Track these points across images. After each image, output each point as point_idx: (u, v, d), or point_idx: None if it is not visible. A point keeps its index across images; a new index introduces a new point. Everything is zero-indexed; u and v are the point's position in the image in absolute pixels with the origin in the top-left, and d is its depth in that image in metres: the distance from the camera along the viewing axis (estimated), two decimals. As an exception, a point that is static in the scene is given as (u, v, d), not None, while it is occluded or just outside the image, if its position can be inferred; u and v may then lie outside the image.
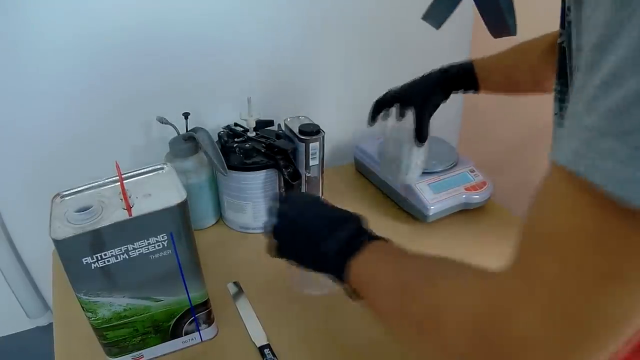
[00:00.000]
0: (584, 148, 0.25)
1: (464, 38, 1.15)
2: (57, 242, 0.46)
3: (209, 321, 0.63)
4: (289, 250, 0.52)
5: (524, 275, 0.30)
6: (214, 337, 0.65)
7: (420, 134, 0.76)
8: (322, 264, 0.47)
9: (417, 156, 0.81)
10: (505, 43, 0.54)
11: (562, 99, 0.45)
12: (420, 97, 0.75)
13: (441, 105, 0.77)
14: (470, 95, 0.77)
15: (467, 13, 1.12)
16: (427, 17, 0.51)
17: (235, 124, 0.88)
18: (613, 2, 0.24)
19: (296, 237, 0.50)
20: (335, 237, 0.46)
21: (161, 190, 0.54)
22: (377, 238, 0.46)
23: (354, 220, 0.48)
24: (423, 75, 0.77)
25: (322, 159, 0.87)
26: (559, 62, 0.45)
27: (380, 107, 0.79)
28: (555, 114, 0.47)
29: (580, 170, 0.25)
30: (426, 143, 0.78)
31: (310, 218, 0.50)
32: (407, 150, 0.81)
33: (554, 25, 0.46)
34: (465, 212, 0.89)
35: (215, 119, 0.89)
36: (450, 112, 1.24)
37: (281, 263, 0.79)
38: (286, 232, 0.51)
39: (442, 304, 0.35)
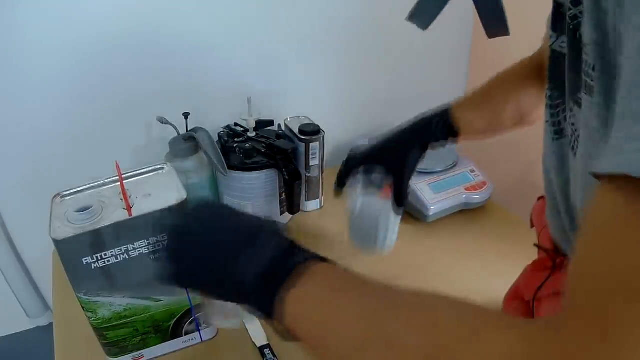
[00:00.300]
0: None
1: (464, 37, 1.15)
2: (57, 242, 0.46)
3: (209, 321, 0.63)
4: (190, 277, 0.39)
5: (592, 322, 0.21)
6: (214, 337, 0.65)
7: (400, 199, 0.63)
8: (237, 293, 0.35)
9: (395, 222, 0.68)
10: (502, 43, 0.54)
11: (553, 105, 0.43)
12: (396, 158, 0.62)
13: (441, 105, 0.77)
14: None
15: (467, 12, 1.12)
16: (412, 17, 0.48)
17: (236, 124, 0.88)
18: None
19: (199, 259, 0.37)
20: (256, 257, 0.34)
21: (161, 190, 0.54)
22: (313, 258, 0.34)
23: (279, 233, 0.36)
24: (396, 131, 0.65)
25: (322, 159, 0.87)
26: (551, 67, 0.41)
27: (350, 169, 0.66)
28: (547, 121, 0.45)
29: None
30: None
31: (218, 232, 0.37)
32: (384, 220, 0.67)
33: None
34: (465, 212, 0.89)
35: (215, 119, 0.89)
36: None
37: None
38: (184, 252, 0.38)
39: None
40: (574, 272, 0.24)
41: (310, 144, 0.84)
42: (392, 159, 0.62)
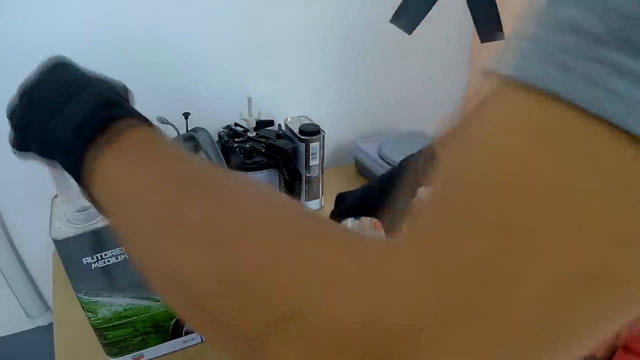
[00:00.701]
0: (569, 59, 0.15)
1: (464, 37, 1.15)
2: (58, 242, 0.46)
3: (209, 321, 0.63)
4: (21, 136, 0.35)
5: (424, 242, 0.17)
6: (214, 337, 0.65)
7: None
8: (55, 152, 0.30)
9: None
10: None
11: None
12: (380, 206, 0.56)
13: (441, 105, 0.76)
14: (470, 95, 0.76)
15: (467, 12, 1.12)
16: (396, 19, 0.46)
17: (236, 124, 0.88)
18: None
19: (27, 114, 0.34)
20: (75, 109, 0.29)
21: (161, 190, 0.54)
22: (137, 116, 0.32)
23: (111, 87, 0.32)
24: (377, 178, 0.59)
25: (322, 159, 0.87)
26: None
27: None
28: None
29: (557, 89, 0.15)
30: None
31: (45, 85, 0.35)
32: None
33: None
34: (466, 212, 0.89)
35: (215, 119, 0.89)
36: (450, 112, 1.24)
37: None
38: (19, 111, 0.35)
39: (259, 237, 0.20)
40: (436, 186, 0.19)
41: (310, 144, 0.84)
42: (377, 208, 0.56)
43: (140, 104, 0.90)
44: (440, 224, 0.17)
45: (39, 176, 0.47)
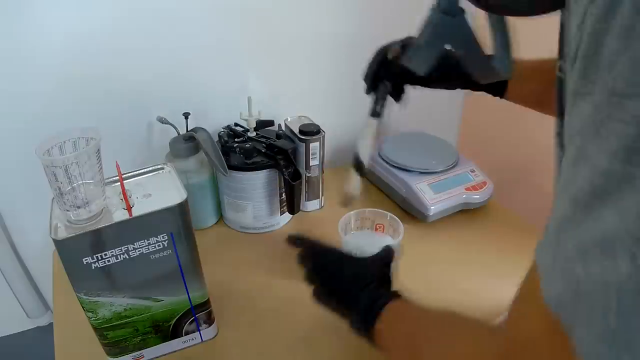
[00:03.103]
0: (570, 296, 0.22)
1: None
2: (57, 242, 0.46)
3: (209, 321, 0.63)
4: (321, 295, 0.56)
5: (509, 353, 0.30)
6: (214, 337, 0.65)
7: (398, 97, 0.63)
8: (350, 317, 0.51)
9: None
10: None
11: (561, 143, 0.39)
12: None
13: (441, 105, 0.76)
14: (470, 95, 0.74)
15: (467, 13, 1.12)
16: (409, 61, 0.45)
17: (236, 124, 0.88)
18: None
19: (328, 290, 0.55)
20: (362, 299, 0.49)
21: (161, 190, 0.54)
22: (391, 297, 0.48)
23: (374, 282, 0.51)
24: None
25: (322, 159, 0.87)
26: (558, 97, 0.37)
27: (382, 59, 0.63)
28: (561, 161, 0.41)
29: (564, 322, 0.23)
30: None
31: (343, 277, 0.53)
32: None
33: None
34: (465, 212, 0.89)
35: (215, 119, 0.89)
36: (450, 112, 1.24)
37: (280, 263, 0.79)
38: (319, 279, 0.56)
39: None
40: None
41: (310, 144, 0.84)
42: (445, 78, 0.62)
43: (140, 104, 0.91)
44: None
45: (39, 177, 0.47)
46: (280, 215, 0.87)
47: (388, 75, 0.62)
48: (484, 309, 0.66)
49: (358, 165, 0.64)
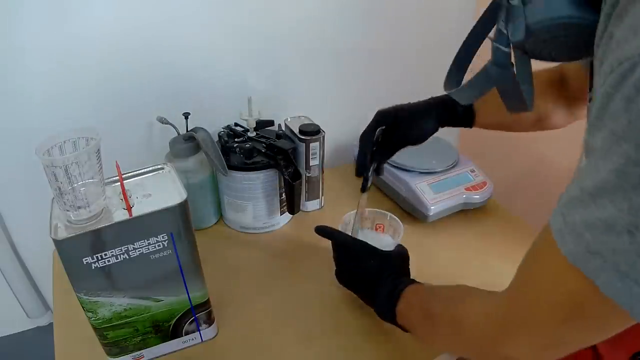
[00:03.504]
0: (597, 245, 0.30)
1: (464, 37, 1.15)
2: (57, 242, 0.46)
3: (209, 321, 0.63)
4: (347, 281, 0.67)
5: (516, 307, 0.39)
6: (214, 337, 0.65)
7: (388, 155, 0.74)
8: (374, 301, 0.61)
9: None
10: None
11: None
12: (413, 123, 0.71)
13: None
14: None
15: (468, 13, 1.12)
16: (458, 95, 0.52)
17: (236, 124, 0.88)
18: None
19: (354, 274, 0.65)
20: (385, 284, 0.59)
21: (161, 190, 0.54)
22: (409, 283, 0.58)
23: (395, 272, 0.61)
24: (415, 103, 0.74)
25: (322, 159, 0.87)
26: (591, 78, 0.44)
27: (372, 132, 0.71)
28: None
29: (586, 270, 0.31)
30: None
31: (363, 270, 0.63)
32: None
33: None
34: (465, 212, 0.89)
35: (215, 119, 0.89)
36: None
37: (280, 263, 0.79)
38: (345, 266, 0.67)
39: (459, 326, 0.45)
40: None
41: (310, 144, 0.84)
42: (410, 122, 0.71)
43: (141, 104, 0.91)
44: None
45: (39, 176, 0.47)
46: (280, 215, 0.87)
47: (377, 158, 0.72)
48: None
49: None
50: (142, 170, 0.57)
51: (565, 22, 0.35)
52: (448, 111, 0.71)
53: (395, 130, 0.71)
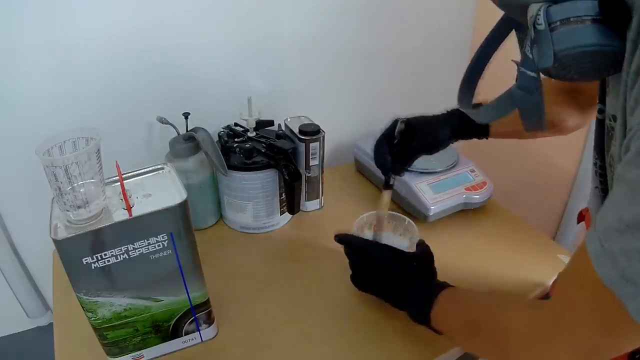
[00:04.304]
0: (631, 271, 0.32)
1: (464, 37, 1.15)
2: (57, 242, 0.46)
3: (209, 321, 0.63)
4: (367, 287, 0.68)
5: (557, 321, 0.41)
6: (214, 337, 0.65)
7: (402, 168, 0.76)
8: (404, 306, 0.61)
9: None
10: (503, 44, 0.54)
11: (602, 174, 0.47)
12: (429, 134, 0.73)
13: (440, 105, 0.77)
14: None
15: (468, 13, 1.13)
16: (478, 115, 0.52)
17: (235, 124, 0.88)
18: None
19: (379, 284, 0.65)
20: (417, 290, 0.59)
21: (161, 190, 0.54)
22: (443, 287, 0.58)
23: (426, 275, 0.63)
24: (430, 115, 0.76)
25: (322, 159, 0.87)
26: (596, 135, 0.46)
27: (386, 142, 0.75)
28: (596, 187, 0.48)
29: (620, 294, 0.33)
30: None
31: (392, 271, 0.63)
32: None
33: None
34: (465, 212, 0.89)
35: (215, 119, 0.89)
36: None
37: (280, 263, 0.79)
38: (364, 272, 0.67)
39: (502, 334, 0.47)
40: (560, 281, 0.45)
41: (310, 144, 0.84)
42: (425, 131, 0.73)
43: (141, 104, 0.91)
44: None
45: (39, 176, 0.47)
46: (280, 215, 0.87)
47: (395, 161, 0.75)
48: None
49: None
50: (142, 170, 0.57)
51: (593, 50, 0.35)
52: (463, 123, 0.73)
53: (410, 138, 0.73)
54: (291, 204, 0.83)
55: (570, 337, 0.39)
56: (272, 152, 0.80)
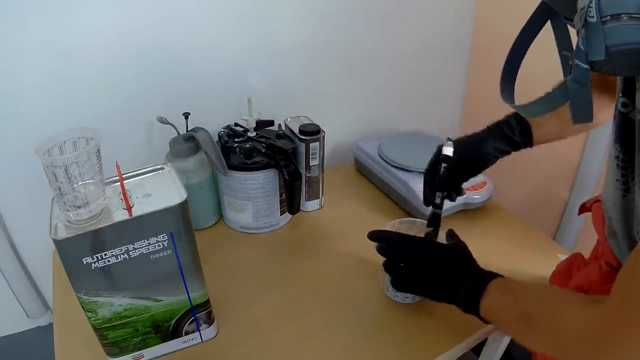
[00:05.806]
0: None
1: (464, 37, 1.15)
2: (57, 242, 0.46)
3: (209, 321, 0.63)
4: (412, 286, 0.65)
5: (618, 318, 0.40)
6: (214, 337, 0.65)
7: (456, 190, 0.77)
8: (452, 299, 0.60)
9: None
10: (502, 44, 0.54)
11: (625, 167, 0.47)
12: (470, 154, 0.73)
13: (440, 105, 0.77)
14: (470, 95, 0.76)
15: (468, 13, 1.13)
16: (523, 109, 0.51)
17: (236, 124, 0.88)
18: None
19: (425, 279, 0.63)
20: (465, 280, 0.59)
21: (161, 190, 0.54)
22: (493, 276, 0.58)
23: (471, 265, 0.62)
24: (474, 135, 0.75)
25: (322, 159, 0.87)
26: (619, 128, 0.47)
27: (433, 167, 0.75)
28: (617, 180, 0.49)
29: None
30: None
31: (438, 265, 0.62)
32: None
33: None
34: (465, 212, 0.89)
35: (215, 119, 0.89)
36: (451, 112, 1.24)
37: (280, 263, 0.79)
38: (410, 277, 0.64)
39: (559, 329, 0.46)
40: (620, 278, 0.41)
41: (310, 144, 0.84)
42: (469, 156, 0.73)
43: (141, 104, 0.91)
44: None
45: (39, 176, 0.47)
46: (280, 215, 0.87)
47: (445, 185, 0.74)
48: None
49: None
50: (142, 170, 0.57)
51: None
52: (507, 133, 0.72)
53: (456, 166, 0.73)
54: (291, 204, 0.83)
55: (631, 335, 0.39)
56: (272, 152, 0.80)
